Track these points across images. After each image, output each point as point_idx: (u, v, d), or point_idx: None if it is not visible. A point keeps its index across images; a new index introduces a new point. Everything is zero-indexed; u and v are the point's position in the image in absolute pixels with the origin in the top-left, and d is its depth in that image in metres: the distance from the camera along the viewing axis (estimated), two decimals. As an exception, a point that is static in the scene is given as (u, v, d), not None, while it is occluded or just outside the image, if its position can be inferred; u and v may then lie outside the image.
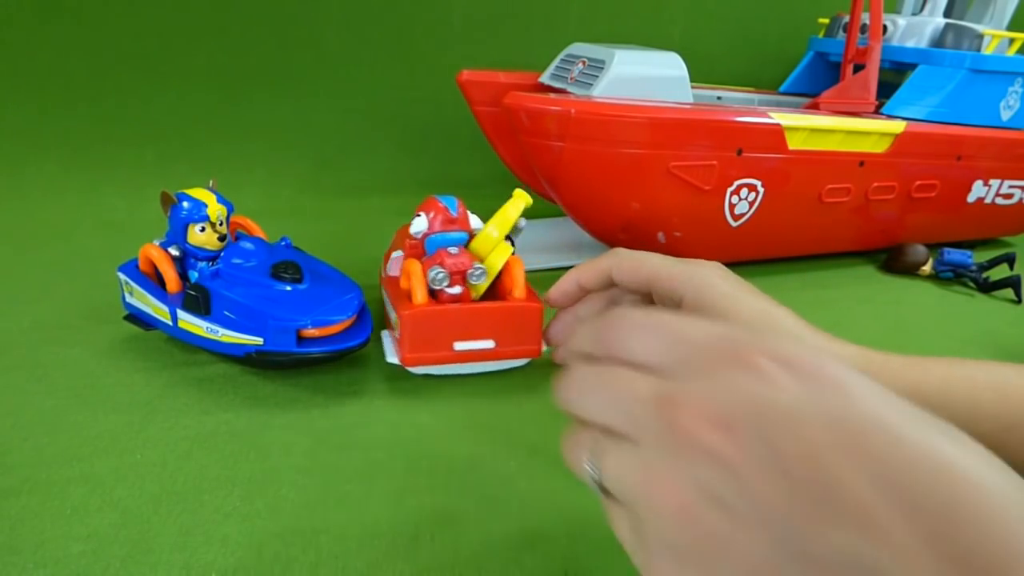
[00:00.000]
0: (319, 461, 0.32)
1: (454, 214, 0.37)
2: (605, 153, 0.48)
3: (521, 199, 0.38)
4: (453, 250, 0.37)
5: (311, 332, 0.35)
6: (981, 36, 0.59)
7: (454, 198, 0.38)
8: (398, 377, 0.38)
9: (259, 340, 0.35)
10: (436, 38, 0.78)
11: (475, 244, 0.38)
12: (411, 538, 0.27)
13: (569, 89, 0.52)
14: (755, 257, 0.59)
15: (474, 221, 0.38)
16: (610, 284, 0.34)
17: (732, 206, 0.53)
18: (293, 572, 0.26)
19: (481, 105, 0.58)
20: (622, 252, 0.32)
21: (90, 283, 0.47)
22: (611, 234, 0.53)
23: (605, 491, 0.21)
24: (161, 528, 0.27)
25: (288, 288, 0.36)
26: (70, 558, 0.25)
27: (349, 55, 0.76)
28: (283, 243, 0.41)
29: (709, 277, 0.30)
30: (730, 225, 0.53)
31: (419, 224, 0.37)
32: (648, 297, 0.33)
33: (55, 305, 0.44)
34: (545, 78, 0.57)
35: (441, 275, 0.36)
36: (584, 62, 0.52)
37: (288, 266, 0.37)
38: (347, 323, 0.36)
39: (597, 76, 0.50)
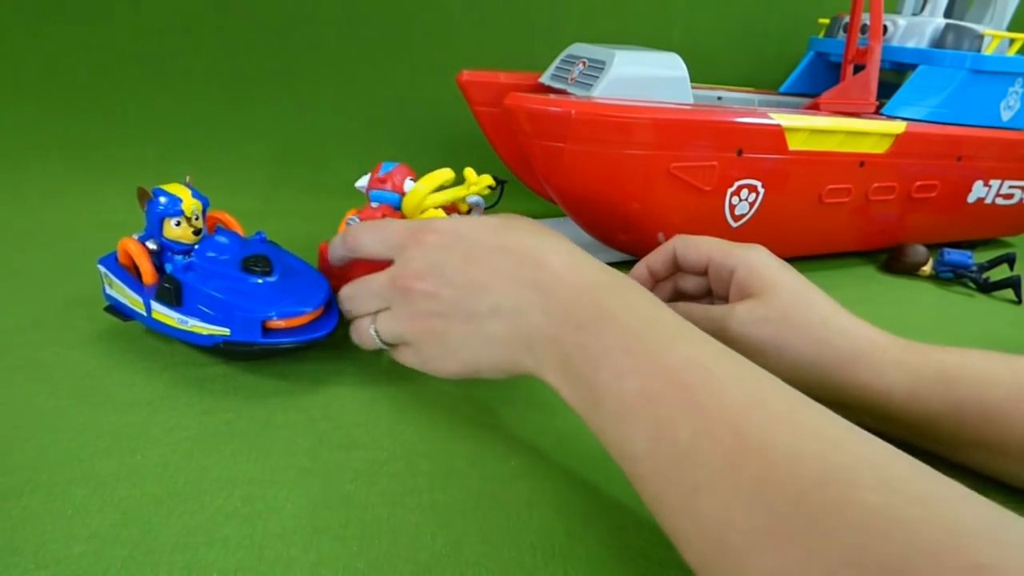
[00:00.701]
0: (320, 461, 0.32)
1: (380, 175, 0.43)
2: (605, 154, 0.48)
3: (446, 173, 0.43)
4: (375, 205, 0.43)
5: (277, 323, 0.36)
6: (981, 36, 0.59)
7: (394, 163, 0.43)
8: (401, 379, 0.38)
9: (226, 331, 0.35)
10: (436, 38, 0.78)
11: (405, 201, 0.43)
12: (412, 537, 0.28)
13: (569, 90, 0.52)
14: (755, 257, 0.59)
15: (409, 186, 0.43)
16: (674, 268, 0.39)
17: (732, 207, 0.53)
18: (294, 572, 0.26)
19: (481, 106, 0.58)
20: (684, 236, 0.39)
21: (91, 284, 0.47)
22: (611, 235, 0.53)
23: (389, 344, 0.35)
24: (162, 529, 0.27)
25: (259, 281, 0.37)
26: (71, 559, 0.25)
27: (349, 55, 0.76)
28: (258, 237, 0.42)
29: (759, 256, 0.36)
30: (730, 226, 0.54)
31: (361, 181, 0.44)
32: (706, 276, 0.38)
33: (56, 306, 0.44)
34: (545, 79, 0.57)
35: (352, 222, 0.41)
36: (584, 63, 0.52)
37: (259, 260, 0.38)
38: (314, 314, 0.37)
39: (597, 77, 0.50)
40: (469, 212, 0.45)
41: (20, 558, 0.25)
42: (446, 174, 0.43)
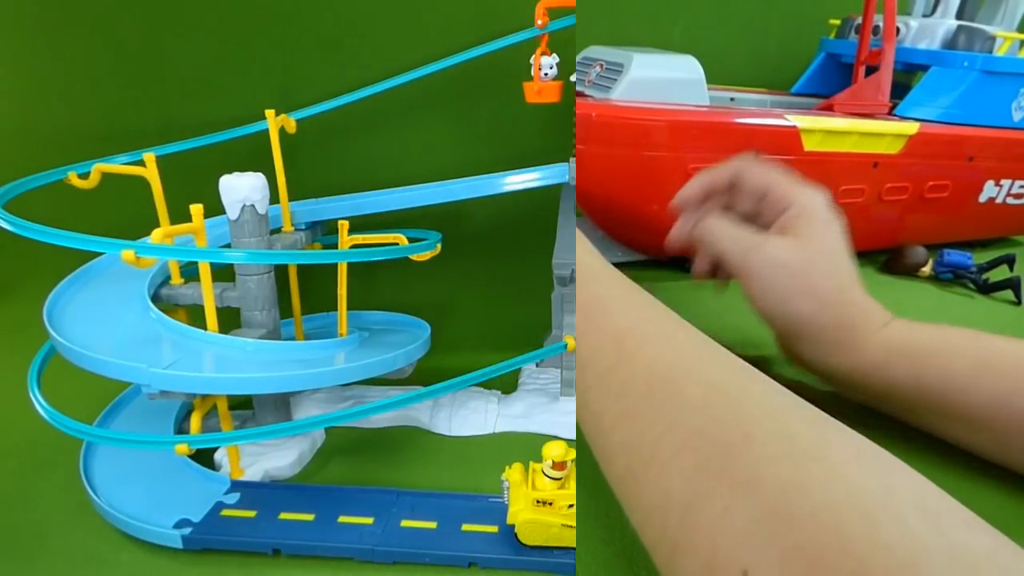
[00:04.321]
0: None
1: None
2: (625, 155, 0.47)
3: None
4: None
5: None
6: (993, 38, 0.59)
7: None
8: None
9: None
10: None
11: None
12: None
13: (587, 92, 0.52)
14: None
15: None
16: (731, 186, 0.38)
17: (749, 208, 0.52)
18: None
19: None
20: (748, 158, 0.38)
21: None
22: (629, 235, 0.53)
23: None
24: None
25: None
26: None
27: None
28: None
29: (816, 201, 0.35)
30: (746, 227, 0.53)
31: None
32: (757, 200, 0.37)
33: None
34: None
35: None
36: (601, 65, 0.52)
37: None
38: None
39: (615, 79, 0.49)
40: None
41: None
42: None
